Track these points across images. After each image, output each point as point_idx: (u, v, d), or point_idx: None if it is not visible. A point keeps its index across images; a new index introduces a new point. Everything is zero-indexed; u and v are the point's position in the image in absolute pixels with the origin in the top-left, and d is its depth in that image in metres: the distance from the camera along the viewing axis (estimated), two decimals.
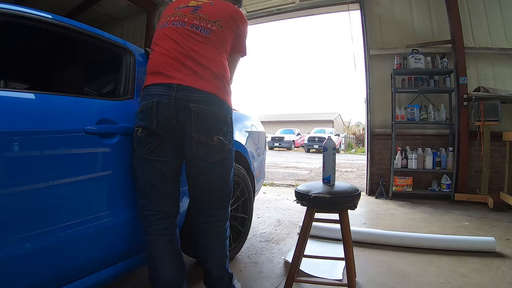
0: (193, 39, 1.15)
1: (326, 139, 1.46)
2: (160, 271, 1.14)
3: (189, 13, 1.21)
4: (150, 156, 1.11)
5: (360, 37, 4.29)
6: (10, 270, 0.85)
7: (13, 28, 1.17)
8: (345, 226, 1.33)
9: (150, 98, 1.10)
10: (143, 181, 1.14)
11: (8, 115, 0.86)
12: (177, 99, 1.07)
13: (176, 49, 1.13)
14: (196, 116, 1.08)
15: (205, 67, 1.13)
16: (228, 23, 1.23)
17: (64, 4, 5.27)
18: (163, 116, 1.08)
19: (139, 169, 1.15)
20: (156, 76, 1.13)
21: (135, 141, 1.13)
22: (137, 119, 1.14)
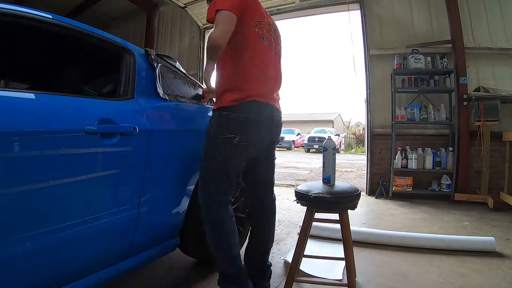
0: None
1: (326, 139, 1.46)
2: (232, 249, 1.29)
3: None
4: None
5: (360, 37, 4.30)
6: (10, 270, 0.85)
7: (13, 28, 1.17)
8: (345, 226, 1.33)
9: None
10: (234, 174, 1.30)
11: (8, 115, 0.86)
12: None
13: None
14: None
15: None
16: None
17: (64, 4, 5.28)
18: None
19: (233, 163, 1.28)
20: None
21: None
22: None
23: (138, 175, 1.23)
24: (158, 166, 1.32)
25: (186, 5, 4.88)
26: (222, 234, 1.28)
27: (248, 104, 1.24)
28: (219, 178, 1.27)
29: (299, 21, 35.50)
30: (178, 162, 1.45)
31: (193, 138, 1.56)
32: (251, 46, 1.28)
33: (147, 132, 1.25)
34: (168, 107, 1.46)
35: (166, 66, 1.59)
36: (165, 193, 1.39)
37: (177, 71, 1.73)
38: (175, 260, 1.81)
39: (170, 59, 1.68)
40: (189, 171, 1.51)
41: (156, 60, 1.49)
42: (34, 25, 1.08)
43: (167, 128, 1.40)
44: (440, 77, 3.86)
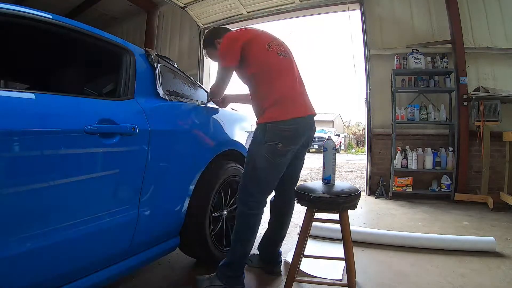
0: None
1: (326, 139, 1.46)
2: (251, 247, 1.47)
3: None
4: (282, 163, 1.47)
5: (360, 37, 4.29)
6: (11, 269, 0.85)
7: (13, 28, 1.17)
8: (345, 226, 1.33)
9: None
10: (266, 181, 1.46)
11: (8, 115, 0.86)
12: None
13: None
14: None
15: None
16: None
17: (64, 4, 5.28)
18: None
19: (267, 171, 1.44)
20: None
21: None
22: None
23: (138, 175, 1.23)
24: (158, 166, 1.32)
25: (186, 5, 4.88)
26: (251, 232, 1.44)
27: (288, 120, 1.40)
28: (261, 180, 1.43)
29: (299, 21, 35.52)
30: (178, 162, 1.45)
31: (193, 138, 1.56)
32: (272, 65, 1.46)
33: (147, 132, 1.25)
34: (168, 107, 1.46)
35: (166, 66, 1.59)
36: (165, 193, 1.39)
37: (177, 71, 1.73)
38: (175, 260, 1.81)
39: (169, 60, 1.68)
40: (189, 171, 1.51)
41: (156, 60, 1.50)
42: (34, 25, 1.08)
43: (167, 128, 1.40)
44: (440, 77, 3.86)
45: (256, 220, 1.45)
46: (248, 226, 1.44)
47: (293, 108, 1.44)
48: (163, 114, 1.42)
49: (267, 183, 1.47)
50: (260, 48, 1.47)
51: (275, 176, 1.47)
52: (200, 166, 1.56)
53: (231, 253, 1.45)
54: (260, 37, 1.50)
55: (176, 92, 1.60)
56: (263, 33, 1.54)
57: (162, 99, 1.44)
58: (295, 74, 1.53)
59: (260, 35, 1.52)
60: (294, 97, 1.47)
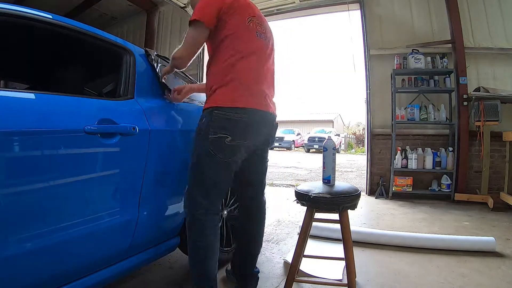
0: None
1: (326, 139, 1.46)
2: (211, 267, 1.22)
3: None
4: (230, 162, 1.22)
5: (360, 37, 4.29)
6: (11, 269, 0.85)
7: (13, 28, 1.17)
8: (345, 226, 1.33)
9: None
10: (213, 182, 1.22)
11: (8, 115, 0.86)
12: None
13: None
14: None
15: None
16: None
17: (64, 4, 5.28)
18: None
19: (213, 170, 1.21)
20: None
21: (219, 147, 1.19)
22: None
23: (138, 175, 1.23)
24: (158, 166, 1.32)
25: (186, 5, 4.88)
26: (200, 248, 1.20)
27: (241, 108, 1.19)
28: (205, 182, 1.21)
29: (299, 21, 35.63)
30: (178, 162, 1.45)
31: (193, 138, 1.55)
32: (245, 40, 1.24)
33: (147, 132, 1.25)
34: (168, 107, 1.46)
35: (166, 66, 1.59)
36: (165, 193, 1.39)
37: (177, 71, 1.73)
38: (175, 260, 1.81)
39: (169, 60, 1.68)
40: None
41: (156, 60, 1.49)
42: (34, 25, 1.08)
43: (167, 128, 1.40)
44: (440, 77, 3.86)
45: (204, 231, 1.19)
46: (198, 241, 1.20)
47: (251, 98, 1.21)
48: (163, 114, 1.42)
49: (214, 186, 1.21)
50: (239, 18, 1.24)
51: (224, 177, 1.23)
52: None
53: (192, 275, 1.25)
54: (243, 7, 1.27)
55: None
56: (248, 4, 1.30)
57: (162, 99, 1.44)
58: (267, 64, 1.31)
59: (244, 5, 1.28)
60: (256, 87, 1.23)
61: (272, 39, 1.40)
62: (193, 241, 1.22)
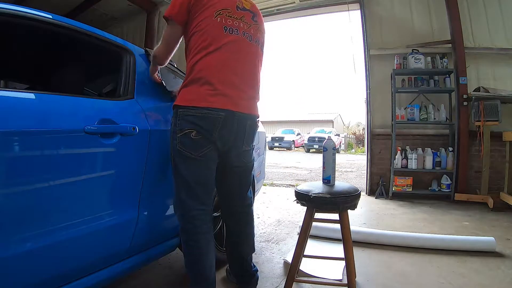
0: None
1: (326, 139, 1.46)
2: (207, 269, 1.20)
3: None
4: (202, 157, 1.19)
5: (360, 37, 4.30)
6: (11, 269, 0.85)
7: (13, 28, 1.17)
8: (345, 226, 1.33)
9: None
10: (194, 182, 1.20)
11: (8, 115, 0.86)
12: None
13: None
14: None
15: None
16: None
17: (64, 4, 5.27)
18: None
19: (190, 169, 1.19)
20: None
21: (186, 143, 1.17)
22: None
23: (138, 175, 1.23)
24: (158, 166, 1.32)
25: None
26: (194, 248, 1.19)
27: (204, 107, 1.15)
28: (188, 182, 1.19)
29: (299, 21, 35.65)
30: None
31: None
32: (208, 40, 1.19)
33: (147, 132, 1.25)
34: (168, 107, 1.46)
35: (166, 66, 1.59)
36: (165, 193, 1.38)
37: (177, 71, 1.73)
38: (175, 260, 1.81)
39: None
40: None
41: None
42: (34, 25, 1.08)
43: (167, 128, 1.39)
44: (440, 77, 3.86)
45: (198, 235, 1.18)
46: (193, 243, 1.19)
47: (213, 98, 1.15)
48: (163, 114, 1.41)
49: (196, 184, 1.19)
50: (206, 13, 1.19)
51: (204, 175, 1.20)
52: None
53: (191, 281, 1.22)
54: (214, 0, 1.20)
55: (176, 92, 1.59)
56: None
57: (162, 99, 1.44)
58: (240, 61, 1.23)
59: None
60: (222, 88, 1.17)
61: (258, 33, 1.32)
62: (187, 242, 1.22)
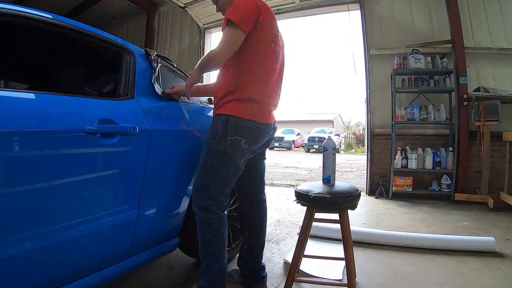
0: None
1: (326, 139, 1.46)
2: (225, 261, 1.30)
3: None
4: (243, 163, 1.34)
5: (360, 37, 4.30)
6: (11, 269, 0.85)
7: (13, 28, 1.17)
8: (345, 226, 1.33)
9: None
10: (229, 182, 1.32)
11: (8, 115, 0.86)
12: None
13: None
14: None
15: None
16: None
17: (64, 4, 5.28)
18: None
19: (229, 170, 1.30)
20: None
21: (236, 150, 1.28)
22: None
23: (138, 175, 1.23)
24: (158, 166, 1.32)
25: (186, 5, 4.88)
26: (220, 241, 1.27)
27: (252, 120, 1.29)
28: (222, 180, 1.29)
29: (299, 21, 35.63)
30: (178, 162, 1.45)
31: (193, 138, 1.56)
32: (264, 63, 1.32)
33: (147, 132, 1.25)
34: (168, 107, 1.46)
35: (166, 66, 1.59)
36: (165, 193, 1.39)
37: (177, 71, 1.73)
38: (175, 260, 1.81)
39: (169, 60, 1.68)
40: (189, 171, 1.51)
41: (156, 60, 1.49)
42: (34, 25, 1.08)
43: (167, 128, 1.39)
44: (440, 77, 3.86)
45: (221, 225, 1.28)
46: (216, 235, 1.26)
47: (262, 114, 1.34)
48: (163, 114, 1.42)
49: (228, 184, 1.32)
50: (263, 37, 1.30)
51: (236, 176, 1.34)
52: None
53: (205, 272, 1.27)
54: (271, 22, 1.33)
55: None
56: (274, 19, 1.36)
57: (162, 99, 1.44)
58: (277, 82, 1.41)
59: (272, 19, 1.34)
60: (267, 105, 1.37)
61: (284, 57, 1.46)
62: (210, 236, 1.26)
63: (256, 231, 1.52)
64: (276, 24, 1.38)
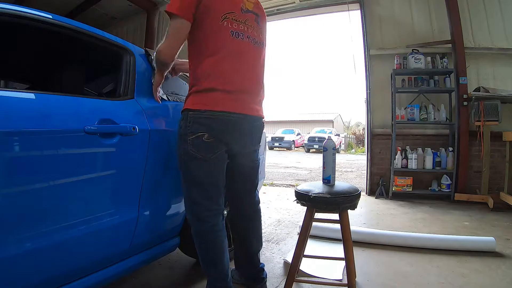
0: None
1: (326, 139, 1.46)
2: (226, 266, 1.25)
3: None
4: (214, 159, 1.21)
5: (360, 37, 4.30)
6: (11, 269, 0.85)
7: (13, 28, 1.17)
8: (345, 226, 1.33)
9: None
10: (208, 183, 1.22)
11: (8, 115, 0.86)
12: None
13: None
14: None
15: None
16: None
17: (64, 4, 5.28)
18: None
19: (203, 171, 1.21)
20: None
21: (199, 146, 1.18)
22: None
23: (138, 175, 1.23)
24: (158, 166, 1.32)
25: None
26: (217, 249, 1.22)
27: (218, 111, 1.17)
28: (201, 183, 1.21)
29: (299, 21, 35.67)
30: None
31: None
32: (219, 44, 1.19)
33: (147, 132, 1.25)
34: (168, 107, 1.46)
35: None
36: (165, 193, 1.39)
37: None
38: (175, 260, 1.81)
39: None
40: None
41: None
42: (34, 25, 1.08)
43: (167, 128, 1.39)
44: (440, 77, 3.86)
45: (216, 234, 1.22)
46: (211, 243, 1.22)
47: (226, 102, 1.19)
48: (163, 114, 1.42)
49: (210, 185, 1.22)
50: (211, 17, 1.17)
51: (215, 175, 1.23)
52: None
53: (208, 279, 1.25)
54: (219, 1, 1.19)
55: (176, 92, 1.60)
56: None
57: (162, 99, 1.44)
58: (248, 65, 1.25)
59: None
60: (234, 92, 1.20)
61: (261, 35, 1.33)
62: (205, 243, 1.23)
63: (247, 236, 1.43)
64: (235, 0, 1.23)
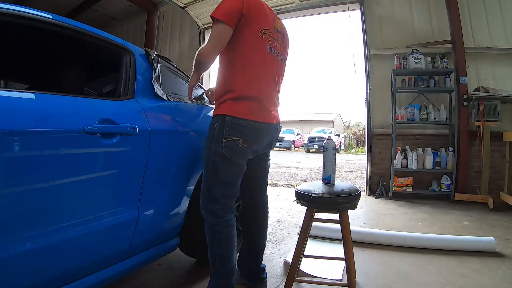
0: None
1: (326, 139, 1.46)
2: (233, 263, 1.29)
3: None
4: (243, 163, 1.30)
5: (360, 37, 4.30)
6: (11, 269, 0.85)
7: (13, 28, 1.17)
8: (345, 226, 1.33)
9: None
10: (233, 183, 1.29)
11: (8, 115, 0.86)
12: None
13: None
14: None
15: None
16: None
17: (64, 4, 5.28)
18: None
19: (231, 172, 1.27)
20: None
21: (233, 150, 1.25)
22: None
23: (138, 175, 1.23)
24: (158, 166, 1.32)
25: (186, 5, 4.88)
26: (228, 244, 1.26)
27: (250, 120, 1.25)
28: (226, 183, 1.27)
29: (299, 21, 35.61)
30: (178, 162, 1.45)
31: (193, 138, 1.56)
32: (256, 57, 1.27)
33: (147, 132, 1.25)
34: (168, 107, 1.46)
35: (166, 66, 1.59)
36: (165, 193, 1.39)
37: (177, 71, 1.73)
38: (175, 260, 1.81)
39: (169, 60, 1.68)
40: (189, 171, 1.51)
41: (156, 60, 1.49)
42: (34, 25, 1.08)
43: (167, 128, 1.40)
44: (440, 77, 3.86)
45: (229, 229, 1.27)
46: (223, 238, 1.26)
47: (258, 112, 1.28)
48: (163, 114, 1.42)
49: (233, 186, 1.29)
50: (252, 30, 1.26)
51: (239, 177, 1.31)
52: (200, 166, 1.56)
53: (213, 275, 1.27)
54: (260, 15, 1.28)
55: (176, 92, 1.60)
56: (265, 12, 1.31)
57: (162, 99, 1.44)
58: (275, 79, 1.36)
59: (261, 12, 1.28)
60: (263, 103, 1.30)
61: (286, 53, 1.43)
62: (217, 237, 1.26)
63: (257, 232, 1.50)
64: (270, 16, 1.33)
